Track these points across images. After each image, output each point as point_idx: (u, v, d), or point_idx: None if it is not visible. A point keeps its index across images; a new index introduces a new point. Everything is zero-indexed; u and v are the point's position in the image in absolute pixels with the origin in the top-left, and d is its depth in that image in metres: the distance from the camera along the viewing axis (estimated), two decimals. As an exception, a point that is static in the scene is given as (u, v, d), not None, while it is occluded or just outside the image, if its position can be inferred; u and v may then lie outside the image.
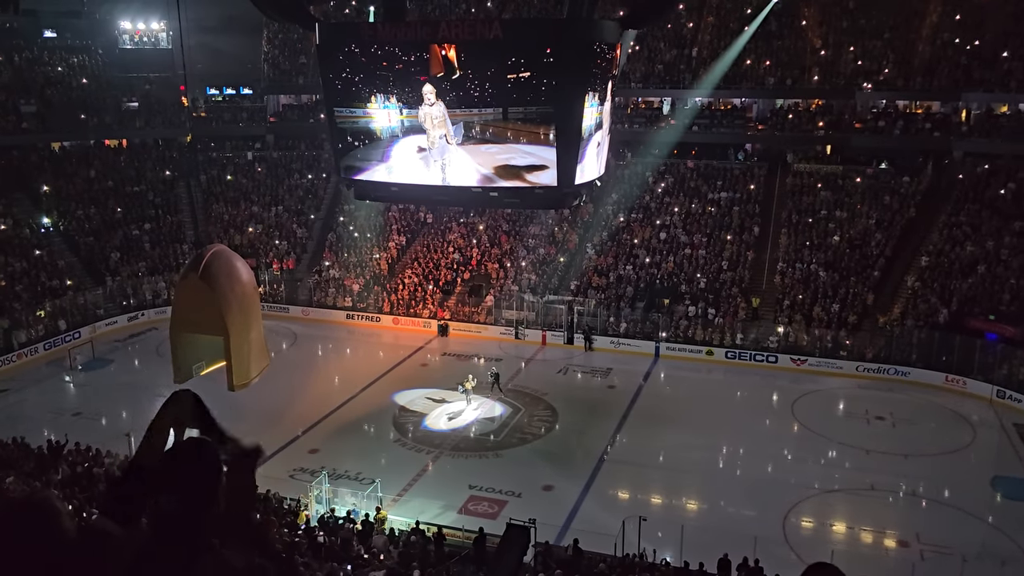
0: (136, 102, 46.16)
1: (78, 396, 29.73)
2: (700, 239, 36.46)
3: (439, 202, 29.46)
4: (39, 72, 45.03)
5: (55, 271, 36.37)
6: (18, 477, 18.25)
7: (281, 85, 48.13)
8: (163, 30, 48.61)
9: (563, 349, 33.60)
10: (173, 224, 41.57)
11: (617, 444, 24.97)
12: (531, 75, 14.22)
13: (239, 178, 44.73)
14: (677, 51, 42.71)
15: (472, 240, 39.34)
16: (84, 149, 43.70)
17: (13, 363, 31.12)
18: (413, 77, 15.04)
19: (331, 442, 24.73)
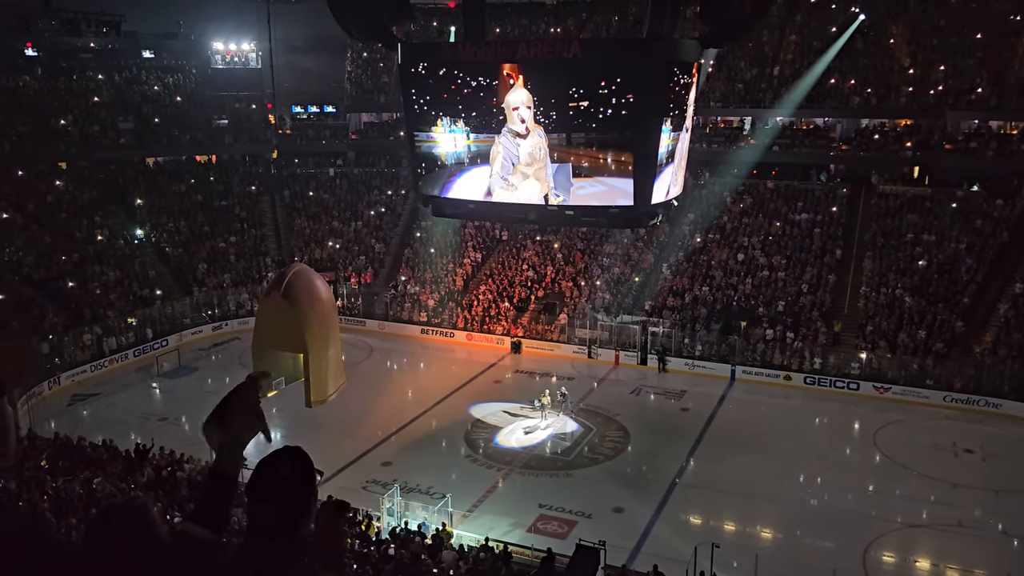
0: (226, 119, 47.98)
1: (164, 402, 30.81)
2: (779, 261, 35.70)
3: (515, 220, 29.63)
4: (137, 91, 47.23)
5: (146, 281, 37.89)
6: (106, 478, 19.00)
7: (363, 103, 49.28)
8: (253, 50, 50.50)
9: (636, 369, 33.26)
10: (257, 237, 42.88)
11: (690, 468, 24.53)
12: (606, 95, 14.19)
13: (321, 193, 45.91)
14: (758, 70, 42.10)
15: (547, 258, 39.40)
16: (176, 164, 45.56)
17: (104, 368, 32.48)
18: (485, 100, 15.20)
19: (404, 455, 24.99)
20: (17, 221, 37.18)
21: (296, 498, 2.19)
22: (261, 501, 2.15)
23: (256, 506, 2.15)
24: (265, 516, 2.13)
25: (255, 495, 2.16)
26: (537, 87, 14.71)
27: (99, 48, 47.21)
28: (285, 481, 2.21)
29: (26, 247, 36.06)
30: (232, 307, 38.82)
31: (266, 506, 2.14)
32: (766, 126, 40.88)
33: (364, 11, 16.17)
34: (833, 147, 40.46)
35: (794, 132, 41.28)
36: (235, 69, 50.78)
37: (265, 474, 2.22)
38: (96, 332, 33.25)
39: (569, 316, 35.69)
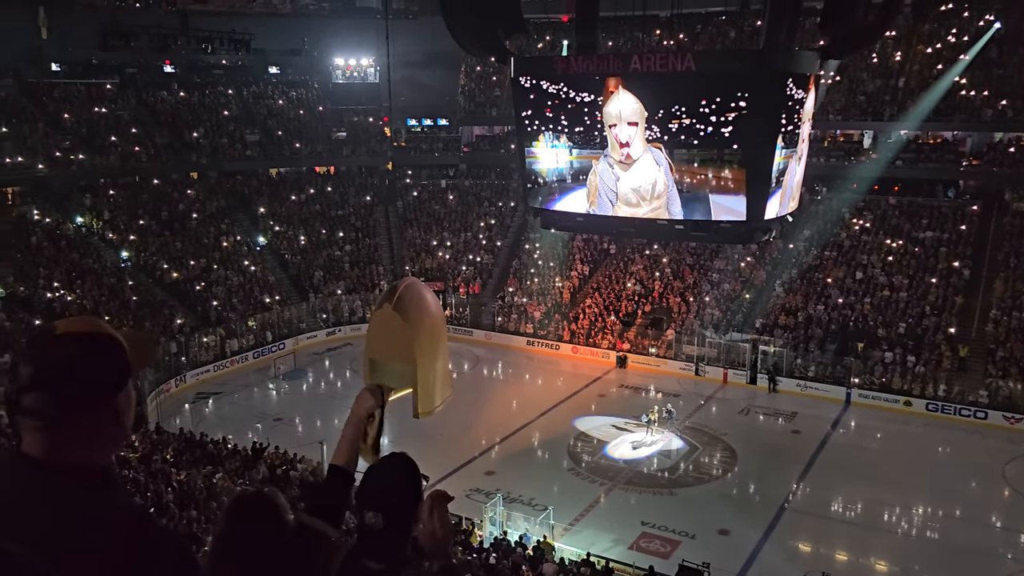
0: (344, 132, 49.76)
1: (279, 402, 32.09)
2: (901, 281, 34.08)
3: (624, 234, 29.43)
4: (263, 105, 49.62)
5: (266, 286, 39.64)
6: (225, 474, 19.95)
7: (475, 116, 50.12)
8: (372, 66, 52.26)
9: (745, 389, 32.41)
10: (371, 246, 44.19)
11: (800, 493, 23.68)
12: (718, 109, 13.95)
13: (432, 205, 46.92)
14: (882, 81, 40.43)
15: (655, 272, 38.95)
16: (297, 175, 47.53)
17: (226, 369, 34.12)
18: (589, 115, 15.17)
19: (507, 465, 25.15)
20: (152, 227, 39.61)
21: (403, 503, 2.26)
22: (369, 505, 2.23)
23: (364, 510, 2.22)
24: (373, 520, 2.21)
25: (363, 499, 2.24)
26: (644, 102, 14.57)
27: (230, 65, 49.87)
28: (393, 485, 2.28)
29: (159, 252, 38.37)
30: (346, 313, 40.09)
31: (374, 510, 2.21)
32: (889, 140, 39.16)
33: (479, 26, 16.47)
34: (963, 162, 38.38)
35: (920, 146, 39.38)
36: (354, 84, 52.70)
37: (373, 478, 2.30)
38: (220, 334, 34.99)
39: (676, 332, 35.13)
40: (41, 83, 42.32)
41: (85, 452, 1.75)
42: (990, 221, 35.87)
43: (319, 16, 51.86)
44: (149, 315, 33.62)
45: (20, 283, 32.33)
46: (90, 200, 39.20)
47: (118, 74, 45.21)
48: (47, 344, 1.74)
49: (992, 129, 38.02)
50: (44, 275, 33.31)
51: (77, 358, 1.72)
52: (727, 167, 14.38)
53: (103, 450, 1.81)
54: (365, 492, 2.26)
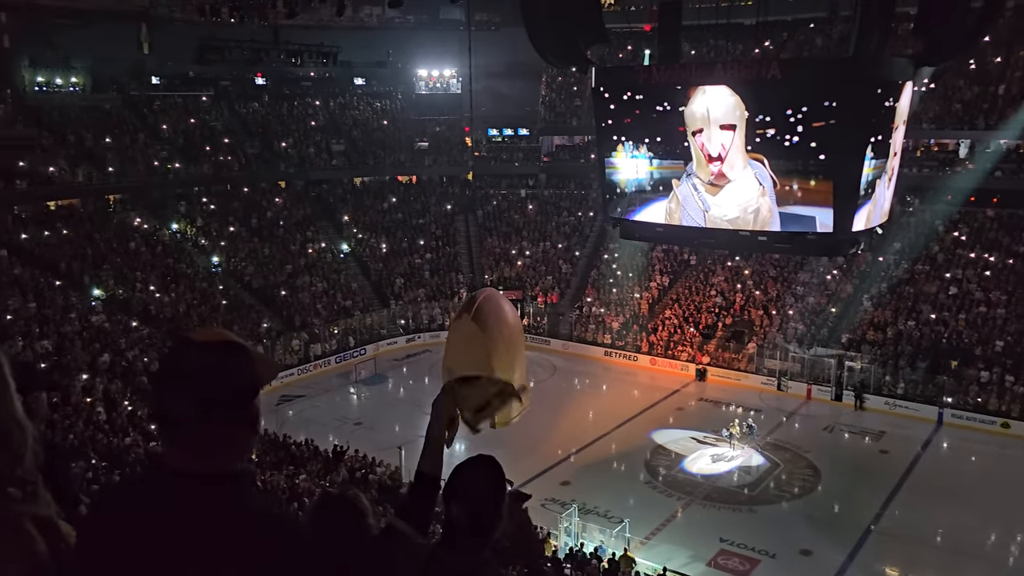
0: (426, 142, 50.57)
1: (359, 407, 32.71)
2: (999, 297, 32.55)
3: (705, 245, 28.99)
4: (348, 115, 50.89)
5: (349, 292, 40.52)
6: (307, 475, 20.44)
7: (555, 127, 50.21)
8: (454, 76, 53.02)
9: (830, 406, 31.43)
10: (451, 255, 44.72)
11: (887, 515, 22.78)
12: (808, 116, 13.62)
13: (512, 214, 47.19)
14: (980, 88, 38.77)
15: (736, 284, 38.21)
16: (380, 184, 48.51)
17: (309, 373, 34.98)
18: (671, 126, 14.97)
19: (583, 476, 25.02)
20: (241, 234, 41.01)
21: (489, 500, 2.30)
22: (455, 501, 2.28)
23: (450, 505, 2.28)
24: (458, 515, 2.25)
25: (450, 495, 2.30)
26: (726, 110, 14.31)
27: (317, 76, 51.31)
28: (480, 483, 2.33)
29: (248, 258, 39.68)
30: (425, 320, 40.64)
31: (460, 506, 2.26)
32: (987, 150, 37.48)
33: (561, 37, 16.52)
34: (1068, 172, 36.44)
35: (1021, 156, 37.57)
36: (437, 94, 53.55)
37: (461, 475, 2.36)
38: (304, 338, 35.92)
39: (758, 345, 34.36)
40: (142, 96, 44.39)
41: (227, 458, 1.81)
42: (1098, 235, 33.94)
43: (404, 29, 52.88)
44: (237, 319, 34.77)
45: (119, 286, 33.88)
46: (185, 207, 40.87)
47: (212, 86, 47.08)
48: (188, 352, 1.80)
49: (1102, 138, 35.99)
50: (141, 279, 34.83)
51: (218, 365, 1.78)
52: (814, 178, 14.01)
53: (243, 455, 1.88)
54: (452, 488, 2.31)
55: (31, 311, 29.67)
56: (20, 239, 33.85)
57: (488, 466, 2.40)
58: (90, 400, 24.36)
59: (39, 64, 40.87)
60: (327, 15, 44.41)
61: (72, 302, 31.48)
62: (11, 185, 35.25)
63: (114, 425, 22.34)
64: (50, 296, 31.14)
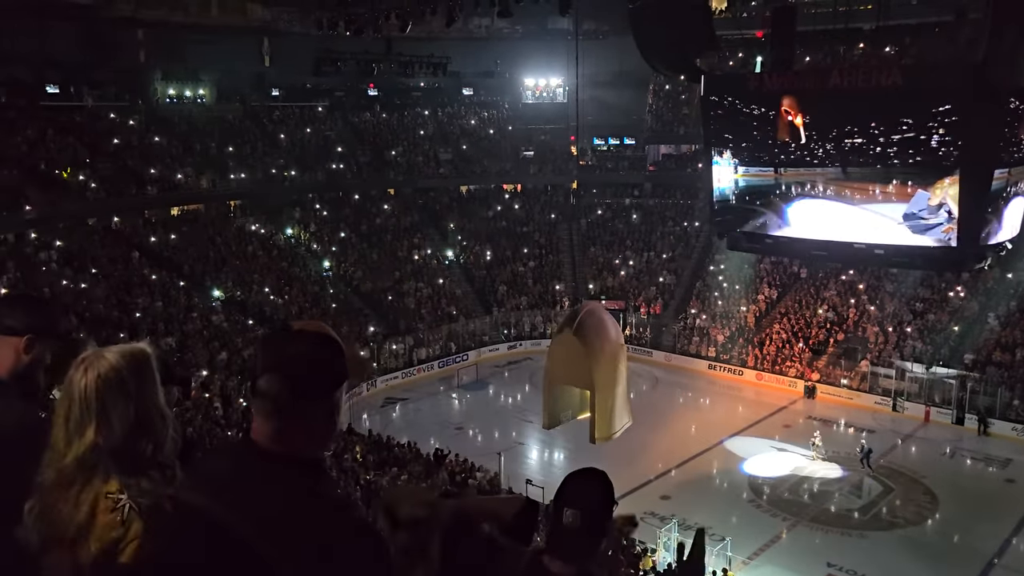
0: (532, 151, 50.88)
1: (460, 412, 33.10)
2: None
3: (817, 258, 27.98)
4: (456, 125, 51.79)
5: (453, 298, 41.14)
6: (410, 476, 20.83)
7: (662, 135, 49.63)
8: (560, 86, 53.15)
9: (950, 429, 29.78)
10: (553, 263, 44.78)
11: (1013, 548, 21.39)
12: (934, 124, 12.96)
13: (616, 223, 46.87)
14: None
15: (849, 299, 36.72)
16: (485, 192, 49.11)
17: (413, 376, 35.67)
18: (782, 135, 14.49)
19: (683, 491, 24.55)
20: (352, 240, 42.27)
21: (601, 506, 2.32)
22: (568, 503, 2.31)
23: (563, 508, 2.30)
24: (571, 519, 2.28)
25: (563, 498, 2.33)
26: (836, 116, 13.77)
27: (427, 87, 52.45)
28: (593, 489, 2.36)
29: (357, 263, 40.84)
30: (527, 328, 40.81)
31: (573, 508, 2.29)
32: None
33: (670, 45, 16.29)
34: None
35: None
36: (543, 103, 53.80)
37: (574, 481, 2.39)
38: (408, 342, 36.67)
39: (872, 363, 32.90)
40: (263, 106, 46.43)
41: (307, 442, 1.89)
42: None
43: (512, 39, 53.41)
44: (346, 321, 35.81)
45: (237, 288, 35.47)
46: (299, 213, 42.44)
47: (328, 97, 48.78)
48: (285, 337, 1.91)
49: None
50: (257, 281, 36.36)
51: (310, 351, 1.88)
52: (940, 189, 13.32)
53: (322, 443, 1.96)
54: (565, 491, 2.34)
55: (158, 310, 31.43)
56: (150, 242, 35.93)
57: (598, 475, 2.46)
58: (208, 395, 25.59)
59: (170, 77, 43.33)
60: (438, 26, 45.31)
61: (194, 302, 33.16)
62: (142, 191, 37.46)
63: (230, 420, 23.38)
64: (175, 296, 32.88)
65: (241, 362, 29.95)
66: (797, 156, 14.48)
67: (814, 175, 14.54)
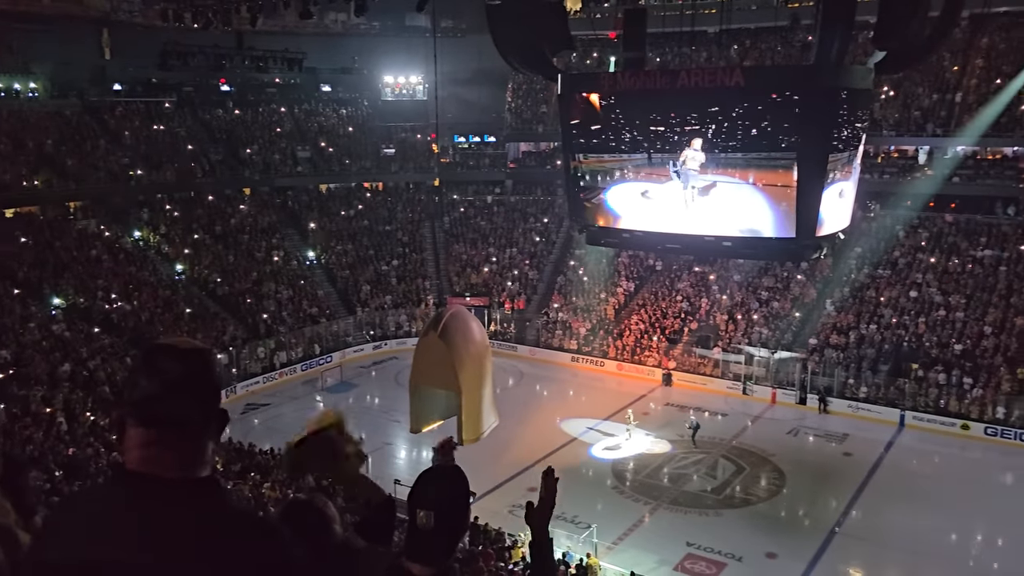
0: (392, 149, 50.44)
1: (326, 415, 32.34)
2: (958, 300, 33.21)
3: (670, 250, 29.18)
4: (314, 122, 50.60)
5: (315, 299, 40.20)
6: (273, 484, 20.20)
7: (522, 133, 50.34)
8: (420, 83, 52.97)
9: (794, 409, 31.81)
10: (417, 261, 44.58)
11: (851, 517, 23.10)
12: (772, 123, 13.81)
13: (478, 220, 47.18)
14: (938, 96, 39.62)
15: (701, 290, 38.55)
16: (346, 191, 48.27)
17: (275, 380, 34.63)
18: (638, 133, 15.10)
19: (550, 482, 24.99)
20: (206, 241, 40.51)
21: (456, 505, 2.29)
22: (422, 505, 2.26)
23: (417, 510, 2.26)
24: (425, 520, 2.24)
25: (416, 499, 2.28)
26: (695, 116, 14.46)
27: (283, 83, 50.98)
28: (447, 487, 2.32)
29: (212, 265, 39.19)
30: (392, 328, 40.45)
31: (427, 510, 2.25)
32: (945, 156, 38.28)
33: (527, 44, 16.55)
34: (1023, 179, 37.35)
35: (978, 162, 38.44)
36: (403, 101, 53.44)
37: (427, 480, 2.34)
38: (269, 346, 35.55)
39: (723, 350, 34.68)
40: (103, 101, 43.69)
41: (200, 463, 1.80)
42: (1052, 240, 34.79)
43: (369, 35, 52.75)
44: (201, 327, 34.30)
45: (80, 295, 33.26)
46: (147, 215, 40.27)
47: (176, 92, 46.51)
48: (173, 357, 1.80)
49: (1054, 145, 36.96)
50: (102, 287, 34.22)
51: (205, 371, 1.83)
52: (777, 184, 14.19)
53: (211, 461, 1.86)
54: (418, 492, 2.29)
55: (-12, 321, 29.04)
56: (-24, 247, 33.11)
57: (454, 473, 2.40)
58: (50, 410, 23.88)
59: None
60: (292, 21, 44.19)
61: (32, 311, 30.85)
62: (-33, 192, 34.53)
63: (75, 435, 21.90)
64: (8, 305, 30.48)
65: (87, 374, 28.13)
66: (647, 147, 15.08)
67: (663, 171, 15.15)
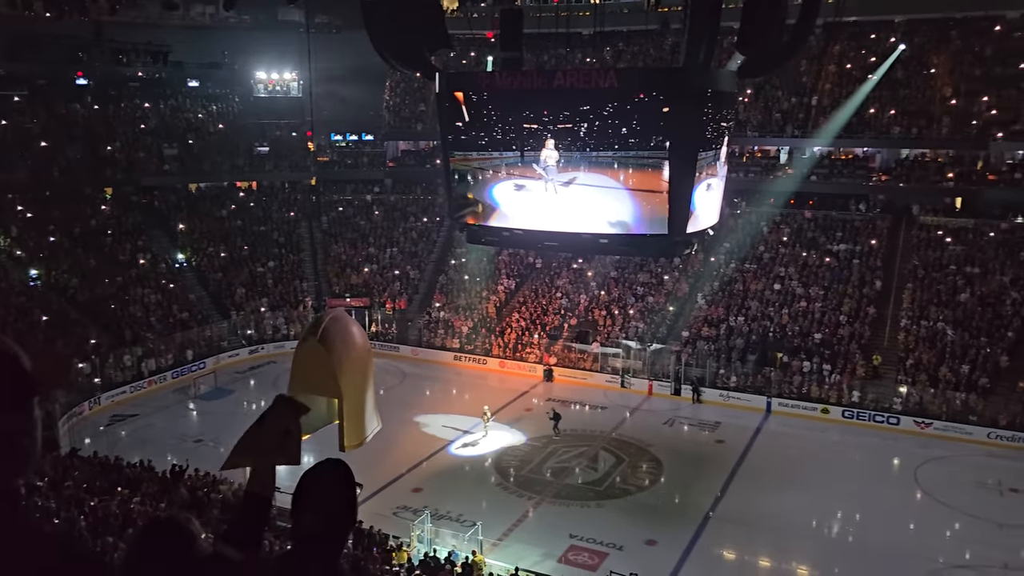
0: (267, 147, 48.93)
1: (200, 423, 31.15)
2: (817, 292, 35.26)
3: (549, 248, 29.55)
4: (181, 119, 48.44)
5: (185, 304, 38.53)
6: (143, 498, 19.23)
7: (400, 131, 49.92)
8: (294, 80, 51.54)
9: (670, 400, 32.95)
10: (295, 262, 43.45)
11: (724, 501, 24.14)
12: (643, 123, 14.21)
13: (357, 220, 46.44)
14: (796, 99, 41.92)
15: (580, 286, 39.35)
16: (218, 190, 46.49)
17: (143, 389, 32.99)
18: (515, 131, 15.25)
19: (435, 482, 24.96)
20: (64, 244, 38.12)
21: (342, 505, 2.24)
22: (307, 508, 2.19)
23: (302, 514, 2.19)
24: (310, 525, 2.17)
25: (301, 503, 2.21)
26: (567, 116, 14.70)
27: (147, 77, 48.53)
28: (331, 487, 2.26)
29: (71, 269, 36.91)
30: (269, 331, 39.27)
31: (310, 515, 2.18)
32: (804, 156, 40.60)
33: (403, 41, 16.40)
34: (873, 177, 40.04)
35: (832, 162, 40.95)
36: (277, 98, 51.84)
37: (310, 482, 2.27)
38: (136, 353, 33.82)
39: (602, 345, 35.52)
40: (-57, 94, 40.45)
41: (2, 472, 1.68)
42: (899, 234, 37.47)
43: (240, 29, 50.92)
44: (61, 334, 32.28)
45: (-81, 303, 30.69)
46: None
47: (27, 85, 43.53)
48: None
49: (899, 146, 39.83)
50: (-55, 295, 31.70)
51: None
52: (650, 182, 14.61)
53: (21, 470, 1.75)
54: (302, 496, 2.22)
55: None
56: None
57: (337, 469, 2.34)
58: None
59: None
60: (156, 13, 42.22)
61: None
62: None
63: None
64: None
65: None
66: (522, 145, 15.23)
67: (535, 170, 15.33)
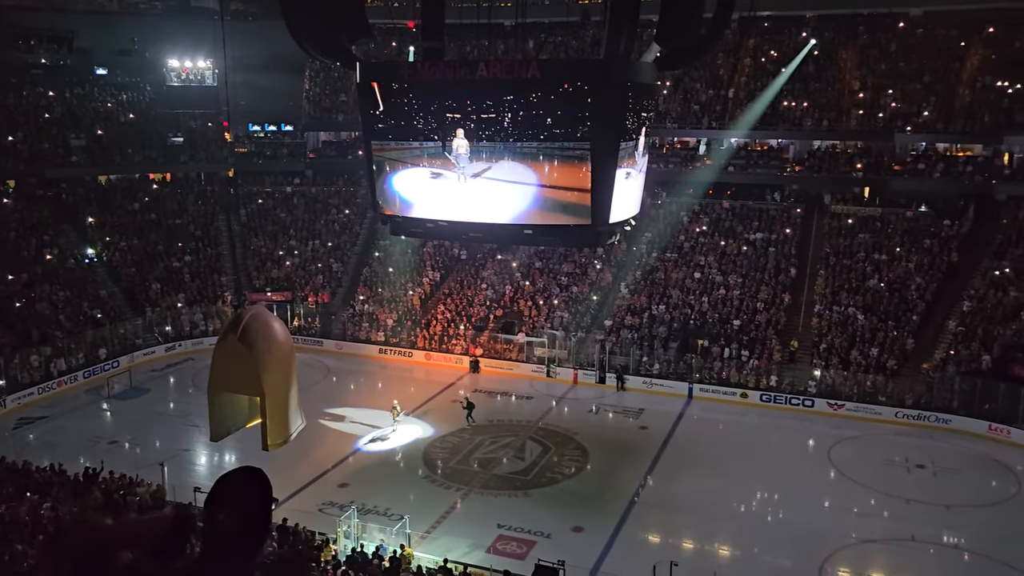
0: (181, 137, 47.37)
1: (114, 424, 30.09)
2: (735, 280, 36.19)
3: (473, 239, 29.59)
4: (89, 108, 46.48)
5: (97, 301, 37.08)
6: (54, 503, 18.48)
7: (321, 122, 49.05)
8: (209, 68, 49.90)
9: (595, 388, 33.37)
10: (212, 256, 42.27)
11: (648, 486, 24.62)
12: (565, 114, 14.30)
13: (278, 212, 45.46)
14: (713, 92, 42.85)
15: (505, 277, 39.43)
16: (129, 182, 44.84)
17: (53, 390, 31.64)
18: (436, 121, 15.16)
19: (361, 476, 24.71)
20: (-38, 240, 36.22)
21: (258, 508, 2.16)
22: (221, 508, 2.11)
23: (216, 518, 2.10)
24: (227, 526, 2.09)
25: (214, 503, 2.12)
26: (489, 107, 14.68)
27: (50, 64, 46.37)
28: (246, 488, 2.17)
29: (-29, 266, 35.10)
30: (186, 327, 38.13)
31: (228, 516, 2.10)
32: (722, 147, 41.57)
33: (322, 31, 16.09)
34: (787, 168, 41.28)
35: (749, 153, 42.04)
36: (191, 87, 50.08)
37: (227, 486, 2.18)
38: (44, 353, 32.41)
39: (527, 335, 35.71)
40: None
41: None
42: (812, 222, 38.76)
43: (150, 15, 49.17)
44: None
45: None
46: None
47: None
48: None
49: (811, 137, 41.20)
50: None
51: None
52: (573, 173, 14.72)
53: None
54: (218, 496, 2.14)
55: None
56: None
57: (255, 474, 2.26)
58: None
59: None
60: (59, -4, 40.41)
61: None
62: None
63: None
64: None
65: None
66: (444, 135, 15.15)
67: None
